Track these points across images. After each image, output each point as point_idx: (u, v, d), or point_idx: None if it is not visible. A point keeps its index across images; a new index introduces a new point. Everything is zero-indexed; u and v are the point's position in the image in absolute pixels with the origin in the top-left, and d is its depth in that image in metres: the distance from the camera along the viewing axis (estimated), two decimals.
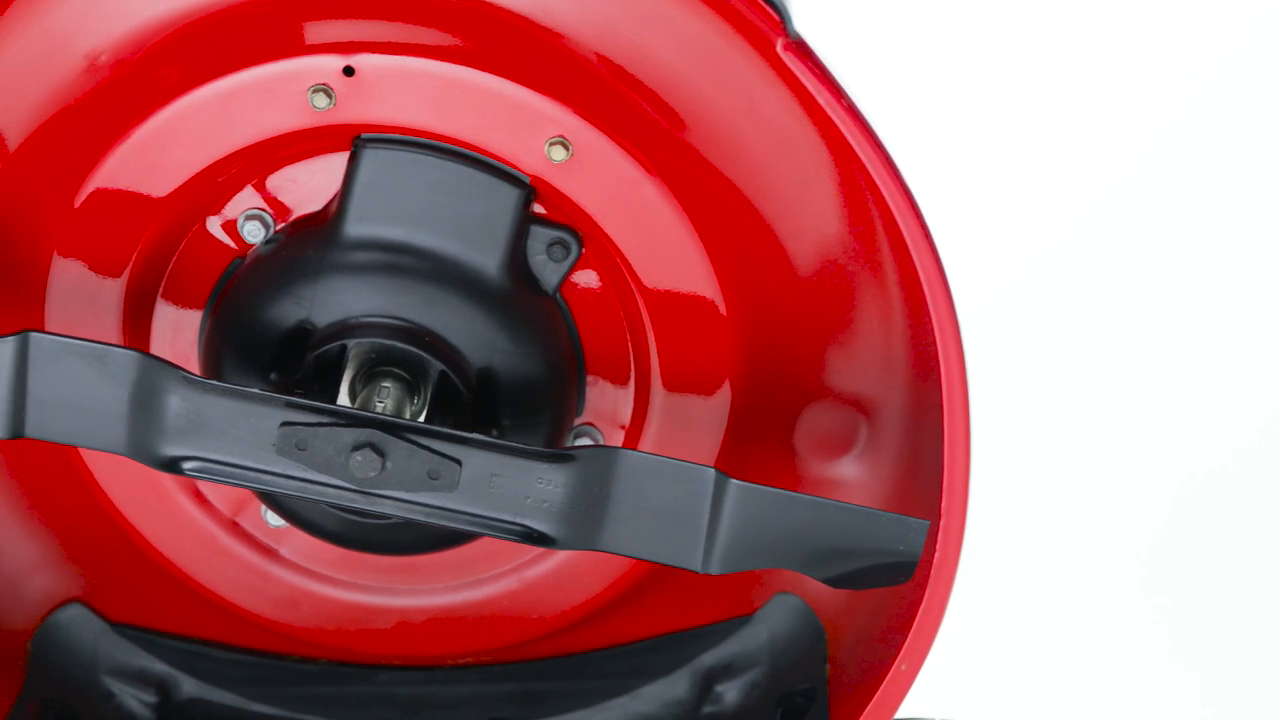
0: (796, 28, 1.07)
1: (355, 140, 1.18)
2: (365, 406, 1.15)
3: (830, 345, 1.22)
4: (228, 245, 1.23)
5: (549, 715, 1.30)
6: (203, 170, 1.19)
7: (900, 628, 1.16)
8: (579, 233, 1.21)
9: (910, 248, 1.09)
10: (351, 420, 1.10)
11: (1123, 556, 1.97)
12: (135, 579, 1.30)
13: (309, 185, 1.21)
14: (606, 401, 1.25)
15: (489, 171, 1.18)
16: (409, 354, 1.17)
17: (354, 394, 1.17)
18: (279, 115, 1.17)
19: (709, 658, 1.29)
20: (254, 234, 1.22)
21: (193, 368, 1.23)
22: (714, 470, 1.11)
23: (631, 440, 1.25)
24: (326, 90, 1.16)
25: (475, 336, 1.18)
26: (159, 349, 1.24)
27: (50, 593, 1.30)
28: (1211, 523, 1.97)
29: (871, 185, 1.09)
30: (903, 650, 1.14)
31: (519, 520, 1.12)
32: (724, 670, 1.29)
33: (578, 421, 1.25)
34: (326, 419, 1.10)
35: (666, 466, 1.11)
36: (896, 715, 1.16)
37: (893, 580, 1.13)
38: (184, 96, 1.18)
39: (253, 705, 1.31)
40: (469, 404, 1.18)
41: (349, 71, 1.16)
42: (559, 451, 1.12)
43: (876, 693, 1.15)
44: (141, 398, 1.11)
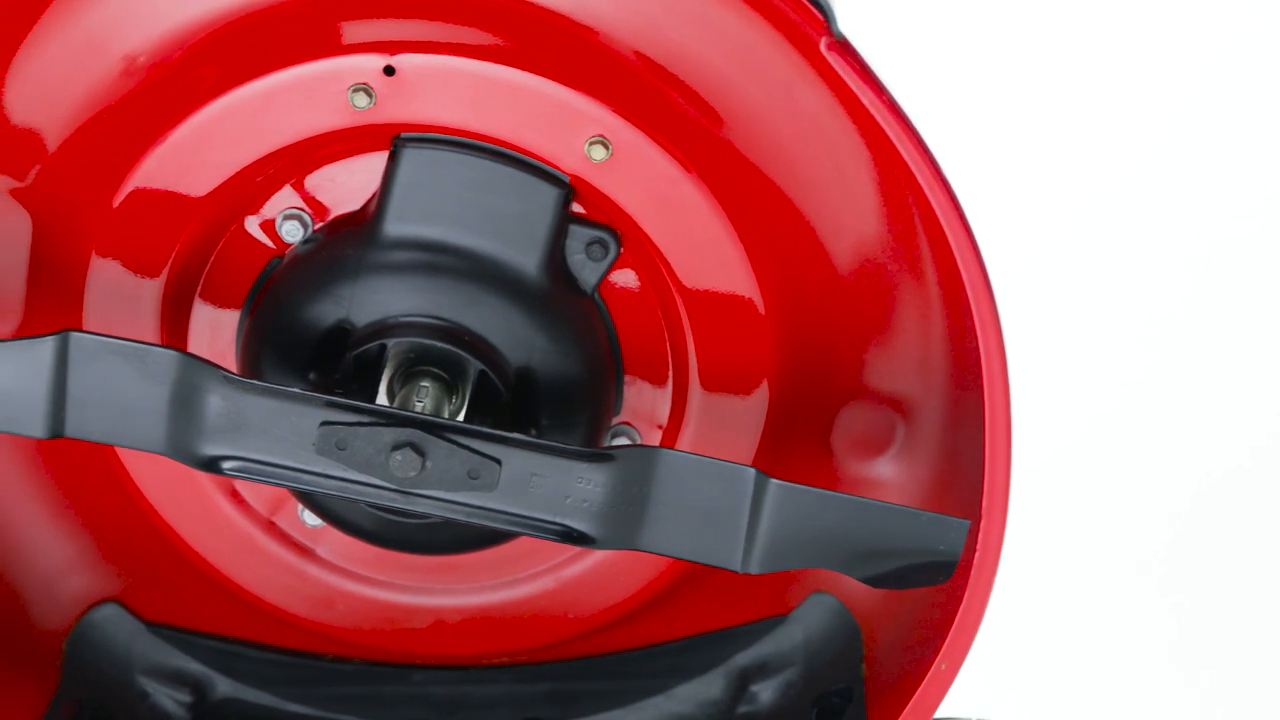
0: (840, 27, 1.07)
1: (395, 140, 1.18)
2: (404, 406, 1.15)
3: (869, 345, 1.22)
4: (266, 245, 1.23)
5: (584, 715, 1.30)
6: (241, 170, 1.19)
7: (938, 627, 1.15)
8: (618, 232, 1.21)
9: (954, 249, 1.09)
10: (392, 420, 1.10)
11: (1139, 554, 1.97)
12: (171, 579, 1.31)
13: (347, 184, 1.21)
14: (644, 401, 1.25)
15: (529, 171, 1.18)
16: (448, 353, 1.17)
17: (392, 394, 1.17)
18: (319, 114, 1.17)
19: (744, 658, 1.29)
20: (292, 233, 1.22)
21: (230, 368, 1.23)
22: (754, 470, 1.10)
23: (669, 440, 1.25)
24: (367, 90, 1.16)
25: (514, 336, 1.18)
26: (196, 349, 1.24)
27: (86, 593, 1.30)
28: (1230, 520, 1.97)
29: (913, 185, 1.09)
30: (942, 650, 1.14)
31: (559, 520, 1.12)
32: (759, 670, 1.29)
33: (615, 421, 1.25)
34: (367, 419, 1.11)
35: (707, 466, 1.11)
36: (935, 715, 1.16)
37: (932, 580, 1.13)
38: (222, 97, 1.18)
39: (287, 705, 1.31)
40: (508, 403, 1.18)
41: (389, 71, 1.16)
42: (599, 451, 1.12)
43: (916, 693, 1.15)
44: (181, 397, 1.11)
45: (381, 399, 1.17)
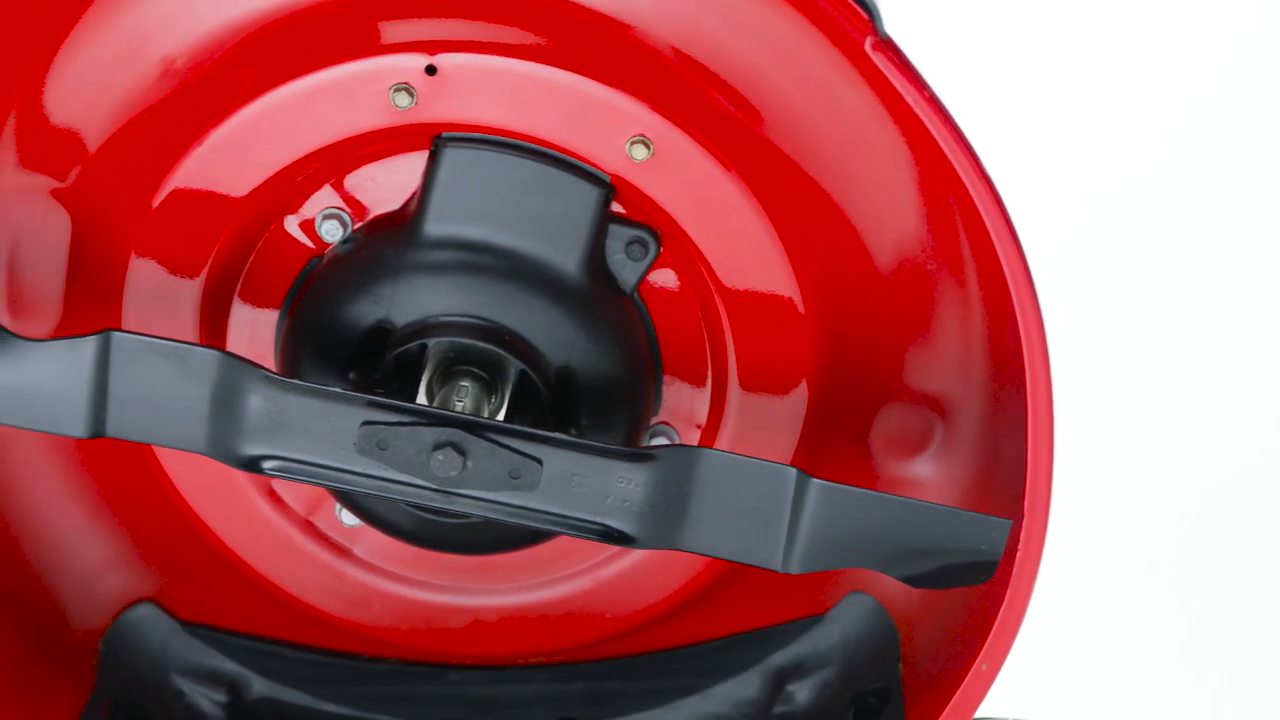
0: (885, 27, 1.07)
1: (435, 139, 1.18)
2: (443, 406, 1.15)
3: (909, 344, 1.22)
4: (305, 245, 1.23)
5: (619, 715, 1.30)
6: (281, 170, 1.19)
7: (977, 627, 1.15)
8: (658, 232, 1.21)
9: (999, 251, 1.08)
10: (433, 419, 1.10)
11: (1148, 554, 1.97)
12: (207, 578, 1.31)
13: (387, 184, 1.21)
14: (683, 401, 1.25)
15: (569, 170, 1.18)
16: (489, 353, 1.17)
17: (431, 393, 1.17)
18: (360, 114, 1.17)
19: (780, 657, 1.29)
20: (332, 233, 1.22)
21: (268, 368, 1.23)
22: (795, 469, 1.10)
23: (707, 440, 1.25)
24: (408, 89, 1.16)
25: (554, 335, 1.18)
26: (235, 349, 1.24)
27: (122, 592, 1.30)
28: (1239, 520, 1.97)
29: (956, 184, 1.09)
30: (984, 649, 1.13)
31: (599, 519, 1.12)
32: (795, 670, 1.29)
33: (654, 421, 1.25)
34: (408, 418, 1.11)
35: (748, 466, 1.11)
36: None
37: (973, 580, 1.13)
38: (262, 97, 1.18)
39: (322, 705, 1.31)
40: (548, 403, 1.18)
41: (431, 70, 1.16)
42: (640, 450, 1.12)
43: (956, 693, 1.15)
44: (222, 397, 1.11)
45: (421, 399, 1.17)
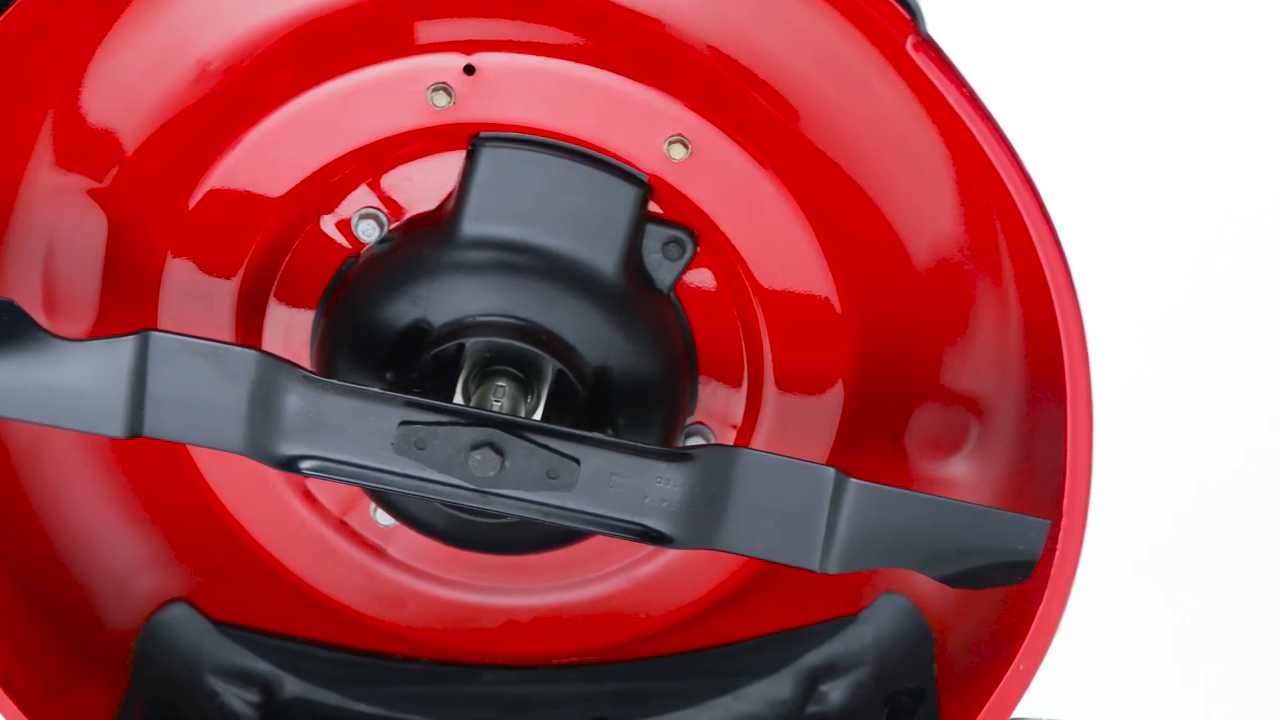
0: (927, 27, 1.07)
1: (473, 139, 1.18)
2: (480, 406, 1.15)
3: (945, 345, 1.21)
4: (341, 245, 1.23)
5: (652, 715, 1.30)
6: (318, 170, 1.19)
7: (1013, 627, 1.15)
8: (695, 231, 1.21)
9: (1039, 251, 1.08)
10: (471, 419, 1.10)
11: (1137, 554, 1.96)
12: (241, 578, 1.31)
13: (424, 184, 1.21)
14: (719, 401, 1.25)
15: (608, 170, 1.17)
16: (526, 353, 1.17)
17: (468, 393, 1.17)
18: (397, 114, 1.17)
19: (814, 657, 1.29)
20: (368, 233, 1.22)
21: (305, 367, 1.23)
22: (833, 469, 1.10)
23: (743, 439, 1.25)
24: (447, 89, 1.16)
25: (592, 335, 1.18)
26: (271, 349, 1.24)
27: (155, 592, 1.30)
28: (1230, 520, 1.96)
29: (997, 184, 1.09)
30: (1021, 649, 1.13)
31: (637, 519, 1.12)
32: (829, 670, 1.29)
33: (689, 421, 1.25)
34: (446, 418, 1.10)
35: (786, 466, 1.11)
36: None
37: (1010, 580, 1.13)
38: (298, 98, 1.18)
39: (355, 705, 1.31)
40: (584, 403, 1.18)
41: (469, 70, 1.16)
42: (678, 450, 1.11)
43: (994, 692, 1.14)
44: (260, 397, 1.11)
45: (457, 398, 1.16)
